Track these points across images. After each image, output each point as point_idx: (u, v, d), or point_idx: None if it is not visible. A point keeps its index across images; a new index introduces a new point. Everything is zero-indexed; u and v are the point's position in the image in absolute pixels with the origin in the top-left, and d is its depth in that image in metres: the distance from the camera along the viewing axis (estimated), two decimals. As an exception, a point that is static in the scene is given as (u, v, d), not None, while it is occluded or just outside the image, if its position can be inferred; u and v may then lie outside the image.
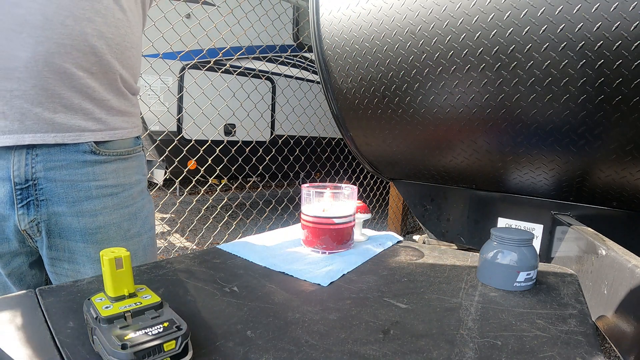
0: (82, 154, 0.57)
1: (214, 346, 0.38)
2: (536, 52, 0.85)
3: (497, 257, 0.56)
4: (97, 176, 0.59)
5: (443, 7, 0.94)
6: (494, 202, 1.25)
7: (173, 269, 0.59)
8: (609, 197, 1.00)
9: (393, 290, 0.54)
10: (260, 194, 4.45)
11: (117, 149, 0.62)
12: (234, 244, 0.73)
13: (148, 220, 0.69)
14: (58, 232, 0.58)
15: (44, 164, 0.55)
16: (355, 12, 1.12)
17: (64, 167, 0.56)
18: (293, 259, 0.65)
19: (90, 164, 0.58)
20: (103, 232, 0.61)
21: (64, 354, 0.35)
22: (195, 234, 3.19)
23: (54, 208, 0.57)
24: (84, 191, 0.58)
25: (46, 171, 0.55)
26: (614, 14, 0.74)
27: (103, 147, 0.60)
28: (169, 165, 2.94)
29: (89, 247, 0.60)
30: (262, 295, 0.51)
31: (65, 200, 0.57)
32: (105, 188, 0.60)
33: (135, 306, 0.37)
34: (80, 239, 0.59)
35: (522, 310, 0.49)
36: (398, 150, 1.29)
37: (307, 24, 1.83)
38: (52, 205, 0.57)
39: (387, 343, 0.40)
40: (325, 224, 0.67)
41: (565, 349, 0.40)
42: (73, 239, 0.59)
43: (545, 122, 0.91)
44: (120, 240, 0.63)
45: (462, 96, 0.99)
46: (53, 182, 0.56)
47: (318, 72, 1.31)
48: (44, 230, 0.57)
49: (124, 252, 0.39)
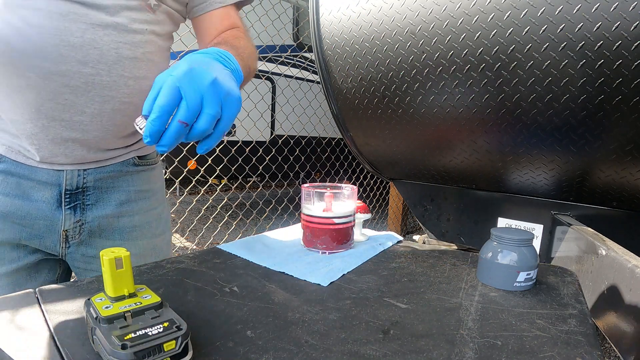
0: (127, 165, 0.68)
1: (214, 346, 0.38)
2: (536, 52, 0.85)
3: (497, 257, 0.56)
4: (135, 182, 0.69)
5: (443, 7, 0.94)
6: (494, 202, 1.25)
7: (173, 269, 0.59)
8: (609, 197, 1.00)
9: (393, 290, 0.54)
10: (260, 194, 4.46)
11: (150, 159, 0.72)
12: (234, 244, 0.73)
13: (168, 221, 0.79)
14: (99, 232, 0.67)
15: (94, 176, 0.64)
16: (355, 12, 1.12)
17: (110, 177, 0.66)
18: (293, 259, 0.65)
19: (131, 173, 0.69)
20: (138, 231, 0.70)
21: (64, 354, 0.35)
22: (195, 234, 3.19)
23: (99, 212, 0.66)
24: (125, 194, 0.68)
25: (95, 181, 0.65)
26: (614, 14, 0.74)
27: (142, 159, 0.70)
28: (169, 165, 2.94)
29: (126, 244, 0.69)
30: (262, 295, 0.51)
31: (109, 204, 0.66)
32: (140, 192, 0.70)
33: (135, 306, 0.37)
34: (119, 237, 0.68)
35: (522, 310, 0.49)
36: (398, 150, 1.29)
37: (307, 24, 1.83)
38: (98, 209, 0.66)
39: (387, 343, 0.40)
40: (325, 224, 0.67)
41: (565, 349, 0.40)
42: (112, 237, 0.68)
43: (545, 122, 0.91)
44: (150, 238, 0.72)
45: (462, 96, 0.99)
46: (99, 189, 0.65)
47: (318, 72, 1.31)
48: (86, 231, 0.66)
49: (124, 252, 0.39)
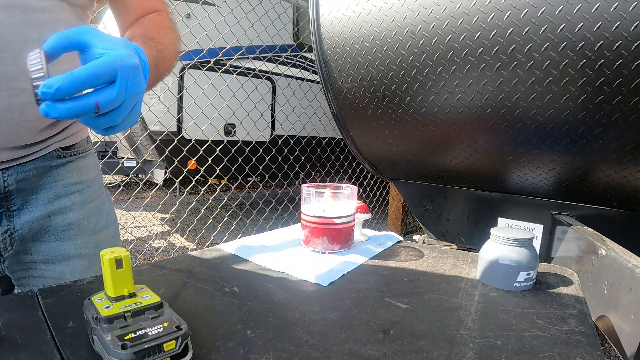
0: (50, 159, 0.59)
1: (214, 346, 0.38)
2: (536, 52, 0.85)
3: (497, 257, 0.56)
4: (62, 176, 0.61)
5: (443, 7, 0.94)
6: (494, 202, 1.25)
7: (173, 269, 0.59)
8: (609, 197, 1.00)
9: (393, 290, 0.54)
10: (260, 194, 4.45)
11: (77, 149, 0.64)
12: (234, 243, 0.73)
13: (111, 213, 0.71)
14: (31, 236, 0.59)
15: (15, 177, 0.56)
16: (355, 12, 1.12)
17: (34, 175, 0.58)
18: (293, 259, 0.65)
19: (56, 167, 0.60)
20: (74, 228, 0.62)
21: (64, 354, 0.35)
22: (195, 234, 3.19)
23: (28, 215, 0.58)
24: (53, 191, 0.60)
25: (18, 183, 0.56)
26: (614, 14, 0.74)
27: (67, 150, 0.62)
28: (169, 165, 2.94)
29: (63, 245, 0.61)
30: (262, 295, 0.51)
31: (36, 205, 0.58)
32: (71, 186, 0.62)
33: (135, 306, 0.37)
34: (53, 238, 0.60)
35: (522, 310, 0.49)
36: (398, 150, 1.29)
37: (307, 24, 1.83)
38: (26, 213, 0.58)
39: (387, 343, 0.40)
40: (325, 224, 0.67)
41: (565, 349, 0.40)
42: (46, 239, 0.60)
43: (545, 122, 0.91)
44: (90, 234, 0.64)
45: (462, 96, 0.99)
46: (24, 191, 0.57)
47: (318, 72, 1.31)
48: (17, 239, 0.58)
49: (124, 252, 0.39)
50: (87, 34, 0.37)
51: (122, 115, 0.39)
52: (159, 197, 4.33)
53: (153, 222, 3.67)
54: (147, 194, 4.03)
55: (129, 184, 5.16)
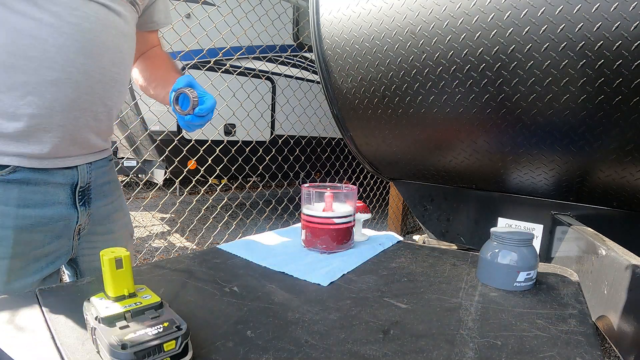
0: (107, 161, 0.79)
1: (214, 346, 0.38)
2: (536, 52, 0.85)
3: (497, 257, 0.56)
4: (111, 173, 0.81)
5: (443, 7, 0.94)
6: (494, 202, 1.25)
7: (173, 269, 0.59)
8: (609, 197, 1.00)
9: (393, 290, 0.54)
10: (260, 194, 4.45)
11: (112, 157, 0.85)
12: (234, 244, 0.73)
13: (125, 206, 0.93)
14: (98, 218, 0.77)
15: (95, 172, 0.74)
16: (356, 12, 1.12)
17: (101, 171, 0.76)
18: (293, 259, 0.65)
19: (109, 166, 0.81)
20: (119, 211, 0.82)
21: (64, 354, 0.35)
22: (195, 234, 3.19)
23: (99, 202, 0.76)
24: (107, 185, 0.78)
25: (96, 177, 0.75)
26: (614, 14, 0.74)
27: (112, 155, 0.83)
28: (169, 165, 2.94)
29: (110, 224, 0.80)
30: (262, 295, 0.51)
31: (103, 193, 0.77)
32: (113, 182, 0.81)
33: (135, 306, 0.37)
34: (107, 220, 0.79)
35: (522, 310, 0.49)
36: (398, 150, 1.29)
37: (307, 24, 1.83)
38: (98, 200, 0.76)
39: (387, 343, 0.40)
40: (325, 224, 0.67)
41: (565, 349, 0.40)
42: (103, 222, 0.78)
43: (545, 122, 0.91)
44: (123, 217, 0.84)
45: (462, 96, 0.99)
46: (95, 182, 0.75)
47: (318, 72, 1.31)
48: (91, 220, 0.75)
49: (124, 252, 0.39)
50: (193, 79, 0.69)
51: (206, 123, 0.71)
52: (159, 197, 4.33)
53: (153, 222, 3.68)
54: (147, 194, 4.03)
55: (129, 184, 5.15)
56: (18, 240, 0.64)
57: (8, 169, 0.62)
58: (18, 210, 0.64)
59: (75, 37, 0.61)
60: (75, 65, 0.61)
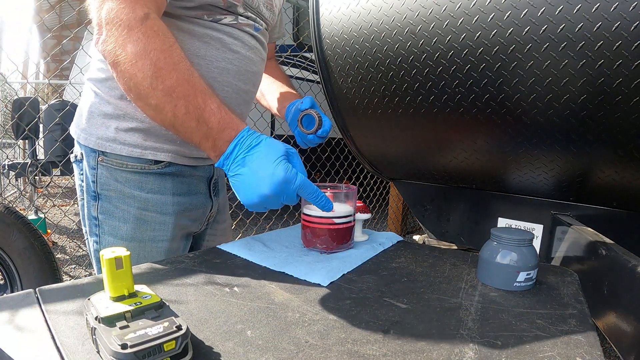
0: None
1: (214, 346, 0.38)
2: (536, 52, 0.85)
3: (497, 257, 0.56)
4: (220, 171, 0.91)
5: (443, 7, 0.94)
6: (494, 202, 1.25)
7: (173, 269, 0.59)
8: (609, 197, 1.00)
9: (393, 290, 0.54)
10: (260, 194, 4.44)
11: None
12: (233, 244, 0.73)
13: None
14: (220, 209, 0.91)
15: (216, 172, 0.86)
16: (356, 12, 1.12)
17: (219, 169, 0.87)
18: (293, 259, 0.65)
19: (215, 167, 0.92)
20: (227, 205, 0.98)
21: (64, 354, 0.35)
22: (195, 234, 3.18)
23: (221, 194, 0.90)
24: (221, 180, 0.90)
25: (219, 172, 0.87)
26: (614, 14, 0.74)
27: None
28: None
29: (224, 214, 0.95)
30: (262, 295, 0.51)
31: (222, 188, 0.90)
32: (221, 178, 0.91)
33: (135, 306, 0.37)
34: (223, 210, 0.94)
35: (522, 310, 0.49)
36: (398, 150, 1.29)
37: (307, 24, 1.83)
38: (220, 192, 0.90)
39: (387, 343, 0.40)
40: (325, 224, 0.67)
41: (565, 349, 0.40)
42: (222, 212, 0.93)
43: (545, 122, 0.91)
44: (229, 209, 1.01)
45: (462, 96, 0.99)
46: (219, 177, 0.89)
47: (318, 72, 1.31)
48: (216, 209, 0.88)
49: (124, 252, 0.39)
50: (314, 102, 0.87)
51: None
52: (159, 197, 4.31)
53: (153, 222, 3.66)
54: (147, 194, 4.00)
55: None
56: (175, 225, 0.76)
57: (163, 164, 0.74)
58: (174, 198, 0.76)
59: (234, 62, 0.72)
60: (231, 85, 0.73)
